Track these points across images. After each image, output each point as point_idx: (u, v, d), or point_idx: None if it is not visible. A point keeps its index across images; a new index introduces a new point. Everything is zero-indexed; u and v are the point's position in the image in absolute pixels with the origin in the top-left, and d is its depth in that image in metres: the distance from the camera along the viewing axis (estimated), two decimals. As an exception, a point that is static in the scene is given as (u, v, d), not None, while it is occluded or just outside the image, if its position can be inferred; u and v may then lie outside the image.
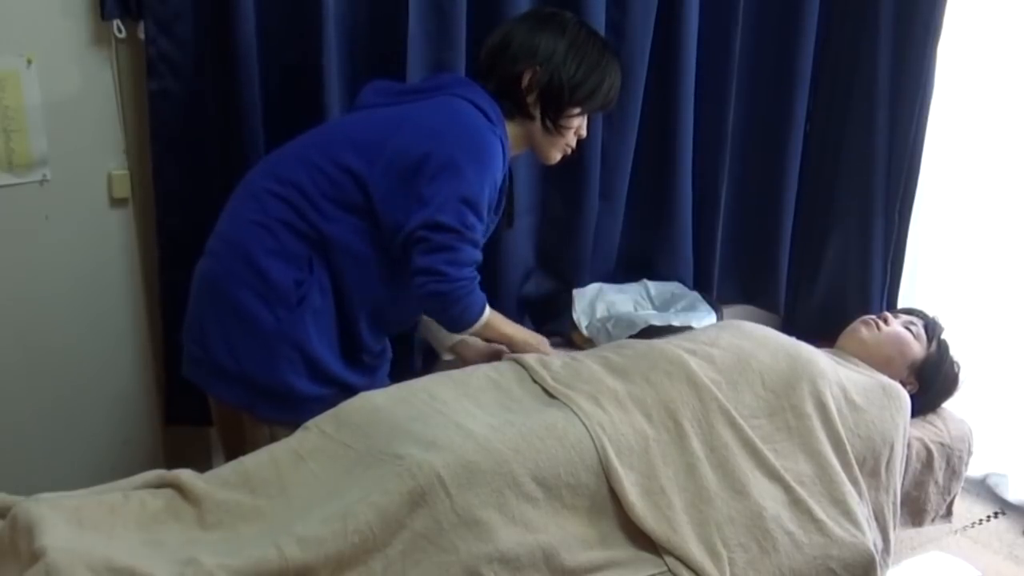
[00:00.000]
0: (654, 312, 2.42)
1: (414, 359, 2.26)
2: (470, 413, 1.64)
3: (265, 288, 1.69)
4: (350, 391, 1.73)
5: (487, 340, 1.97)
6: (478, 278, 1.77)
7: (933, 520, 2.19)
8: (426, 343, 2.17)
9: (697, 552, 1.59)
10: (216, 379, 1.76)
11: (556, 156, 1.93)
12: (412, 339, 2.25)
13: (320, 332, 1.73)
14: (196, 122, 1.95)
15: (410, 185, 1.68)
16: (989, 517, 2.60)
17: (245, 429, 1.79)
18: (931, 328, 2.21)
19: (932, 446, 2.09)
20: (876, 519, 1.84)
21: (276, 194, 1.72)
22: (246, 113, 1.94)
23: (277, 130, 1.99)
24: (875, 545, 1.75)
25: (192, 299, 1.78)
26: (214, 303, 1.73)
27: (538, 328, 2.47)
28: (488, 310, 1.83)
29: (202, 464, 1.71)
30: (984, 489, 2.70)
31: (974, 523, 2.55)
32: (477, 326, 1.82)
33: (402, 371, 2.18)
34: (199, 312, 1.77)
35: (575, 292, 2.44)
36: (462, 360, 2.04)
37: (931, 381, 2.17)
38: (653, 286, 2.54)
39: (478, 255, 1.75)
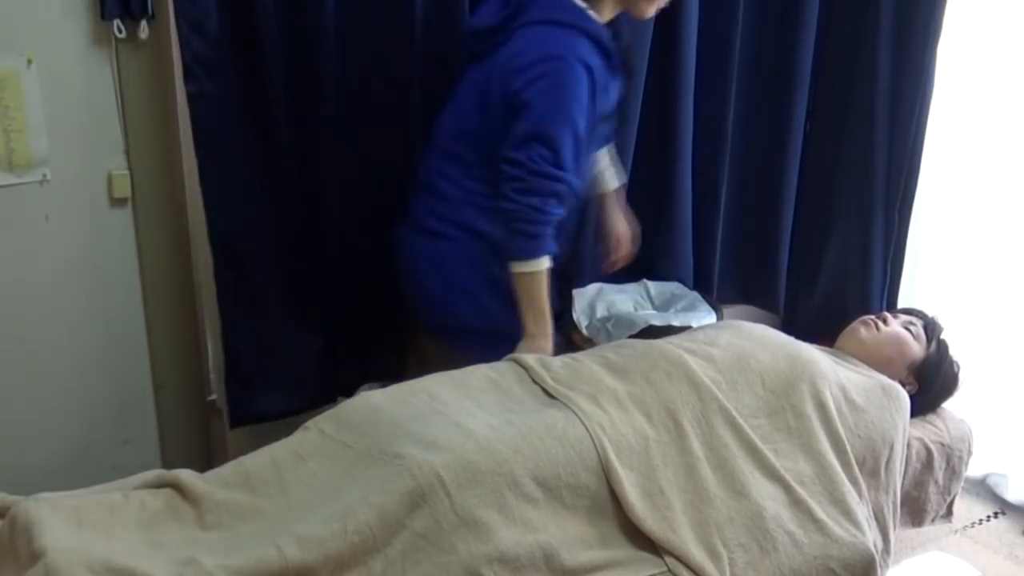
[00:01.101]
0: (654, 312, 2.42)
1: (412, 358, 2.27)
2: (470, 413, 1.64)
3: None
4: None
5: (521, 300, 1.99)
6: (550, 213, 1.85)
7: (933, 520, 2.19)
8: None
9: (697, 552, 1.59)
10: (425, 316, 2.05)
11: (652, 11, 1.98)
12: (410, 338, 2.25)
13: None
14: (235, 122, 1.96)
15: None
16: (989, 517, 2.59)
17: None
18: (930, 328, 2.21)
19: (932, 446, 2.09)
20: (876, 519, 1.84)
21: (447, 177, 1.98)
22: (281, 109, 1.97)
23: (309, 124, 2.02)
24: (875, 545, 1.75)
25: (410, 267, 2.02)
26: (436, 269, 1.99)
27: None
28: (545, 265, 1.88)
29: (202, 464, 1.70)
30: (984, 489, 2.70)
31: (974, 523, 2.55)
32: (528, 267, 1.88)
33: (402, 371, 2.19)
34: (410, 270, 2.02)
35: (575, 292, 2.44)
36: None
37: (931, 381, 2.17)
38: (653, 286, 2.54)
39: (553, 186, 1.84)
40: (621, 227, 2.24)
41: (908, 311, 2.31)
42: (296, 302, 2.14)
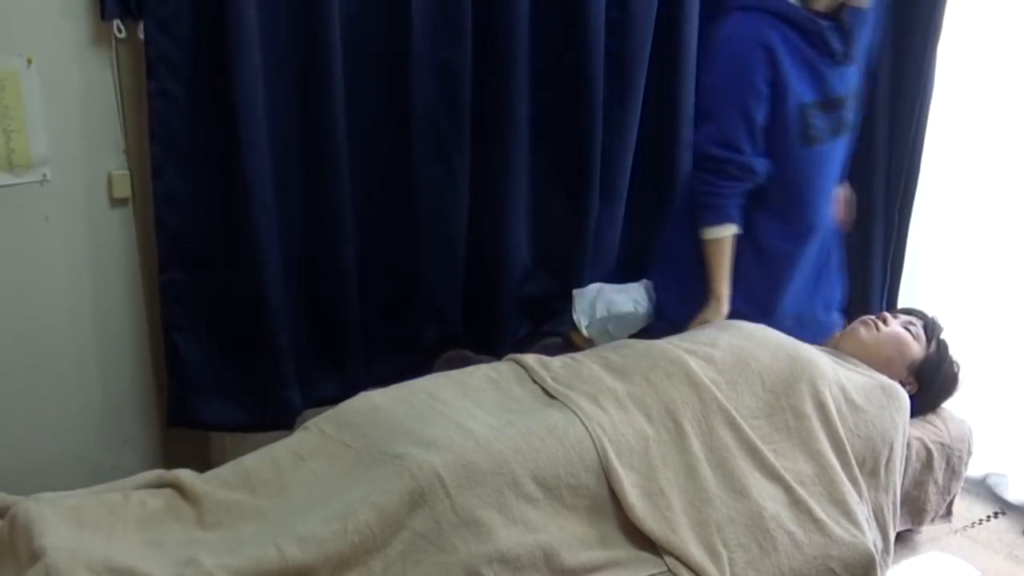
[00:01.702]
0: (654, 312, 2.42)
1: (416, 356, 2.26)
2: (470, 413, 1.64)
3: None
4: None
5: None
6: (722, 187, 2.00)
7: (933, 520, 2.19)
8: None
9: (697, 552, 1.59)
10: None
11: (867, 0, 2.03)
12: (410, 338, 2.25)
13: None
14: (196, 122, 1.94)
15: None
16: (989, 517, 2.59)
17: None
18: (930, 328, 2.21)
19: (932, 446, 2.09)
20: (876, 519, 1.84)
21: None
22: (246, 112, 1.93)
23: (278, 129, 1.99)
24: (875, 545, 1.75)
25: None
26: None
27: (537, 328, 2.47)
28: (725, 233, 2.04)
29: (202, 464, 1.70)
30: (984, 489, 2.70)
31: (974, 523, 2.55)
32: (706, 234, 2.06)
33: (403, 370, 2.18)
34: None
35: (575, 292, 2.44)
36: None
37: (930, 381, 2.17)
38: (653, 286, 2.54)
39: (718, 165, 1.98)
40: (843, 191, 2.34)
41: (908, 311, 2.31)
42: (256, 319, 2.06)
